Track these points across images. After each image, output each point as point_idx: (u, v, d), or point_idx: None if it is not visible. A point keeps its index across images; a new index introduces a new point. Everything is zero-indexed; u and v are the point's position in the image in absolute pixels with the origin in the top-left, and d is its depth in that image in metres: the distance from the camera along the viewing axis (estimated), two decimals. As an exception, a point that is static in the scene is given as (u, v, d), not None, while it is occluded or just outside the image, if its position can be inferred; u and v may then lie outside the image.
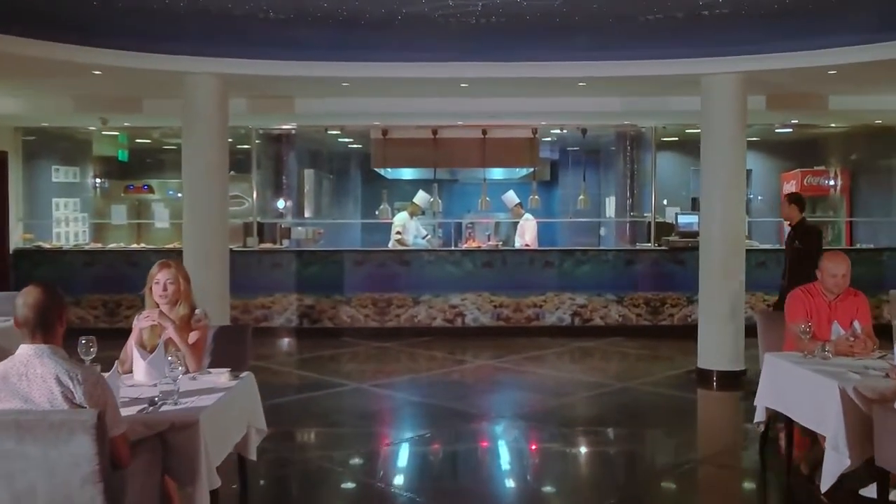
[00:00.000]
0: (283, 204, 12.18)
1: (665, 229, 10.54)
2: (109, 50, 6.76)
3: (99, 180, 12.20)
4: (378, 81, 7.79)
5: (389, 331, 9.77)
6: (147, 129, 11.19)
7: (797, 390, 4.28)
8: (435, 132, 10.72)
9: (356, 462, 5.35)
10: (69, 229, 11.19)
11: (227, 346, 4.42)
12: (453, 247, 10.98)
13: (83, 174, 11.78)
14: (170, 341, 3.96)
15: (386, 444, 5.76)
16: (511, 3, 6.13)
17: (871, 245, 10.39)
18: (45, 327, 2.86)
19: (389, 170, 12.47)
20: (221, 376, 3.85)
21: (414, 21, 6.49)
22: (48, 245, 10.32)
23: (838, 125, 10.90)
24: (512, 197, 11.12)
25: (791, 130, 11.09)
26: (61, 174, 11.22)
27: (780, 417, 4.65)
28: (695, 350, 7.73)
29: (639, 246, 10.81)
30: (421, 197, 11.08)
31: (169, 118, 9.05)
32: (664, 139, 11.41)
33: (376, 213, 11.50)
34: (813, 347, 4.38)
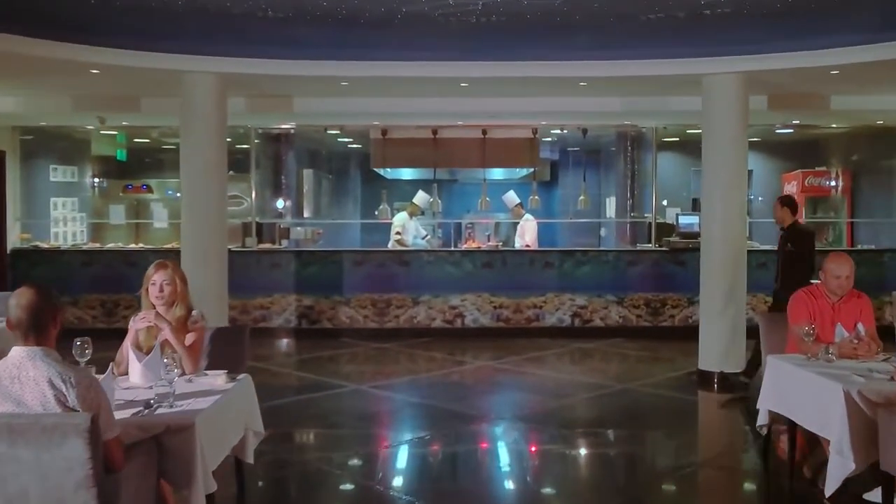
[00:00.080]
0: (282, 204, 12.14)
1: (665, 230, 10.50)
2: (107, 49, 6.72)
3: (97, 180, 12.16)
4: (377, 81, 7.75)
5: (389, 331, 9.73)
6: (146, 129, 11.15)
7: (800, 393, 4.24)
8: (435, 132, 10.69)
9: (355, 464, 5.32)
10: (67, 229, 11.14)
11: (225, 348, 4.38)
12: (453, 247, 10.93)
13: (81, 174, 11.74)
14: (166, 343, 3.92)
15: (385, 446, 5.71)
16: (511, 2, 6.09)
17: (873, 246, 10.35)
18: (39, 329, 2.82)
19: (389, 170, 12.44)
20: (218, 378, 3.80)
21: (414, 20, 6.46)
22: (46, 245, 10.27)
23: (839, 126, 10.87)
24: (512, 197, 11.08)
25: (792, 131, 11.05)
26: (59, 174, 11.18)
27: (783, 420, 4.61)
28: (695, 351, 7.69)
29: (639, 247, 10.76)
30: (420, 197, 11.04)
31: (167, 117, 9.01)
32: (665, 139, 11.37)
33: (376, 214, 11.46)
34: (816, 350, 4.34)
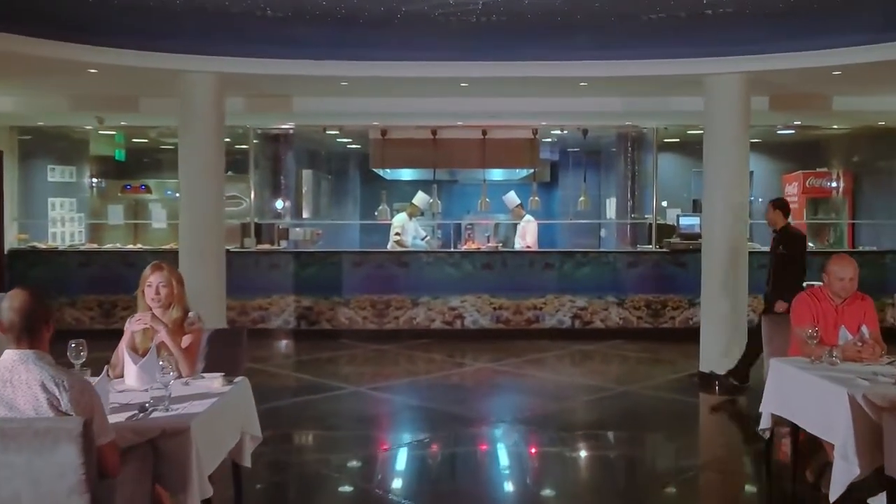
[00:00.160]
0: (281, 204, 12.09)
1: (666, 231, 10.46)
2: (105, 48, 6.68)
3: (96, 180, 12.10)
4: (377, 81, 7.70)
5: (388, 333, 9.68)
6: (144, 129, 11.11)
7: (804, 396, 4.18)
8: (434, 132, 10.64)
9: (354, 467, 5.27)
10: (65, 229, 11.09)
11: (222, 350, 4.32)
12: (452, 248, 10.86)
13: (80, 174, 11.68)
14: (162, 345, 3.87)
15: (384, 449, 5.66)
16: (512, 2, 6.06)
17: (874, 247, 10.30)
18: (31, 332, 2.78)
19: (388, 170, 12.40)
20: (215, 381, 3.75)
21: (413, 19, 6.42)
22: (43, 245, 10.22)
23: (841, 127, 10.83)
24: (513, 198, 11.03)
25: (793, 132, 11.01)
26: (57, 174, 11.12)
27: (786, 423, 4.56)
28: (696, 353, 7.65)
29: (640, 248, 10.71)
30: (420, 198, 10.99)
31: (165, 117, 8.96)
32: (665, 140, 11.33)
33: (375, 214, 11.42)
34: (820, 353, 4.29)
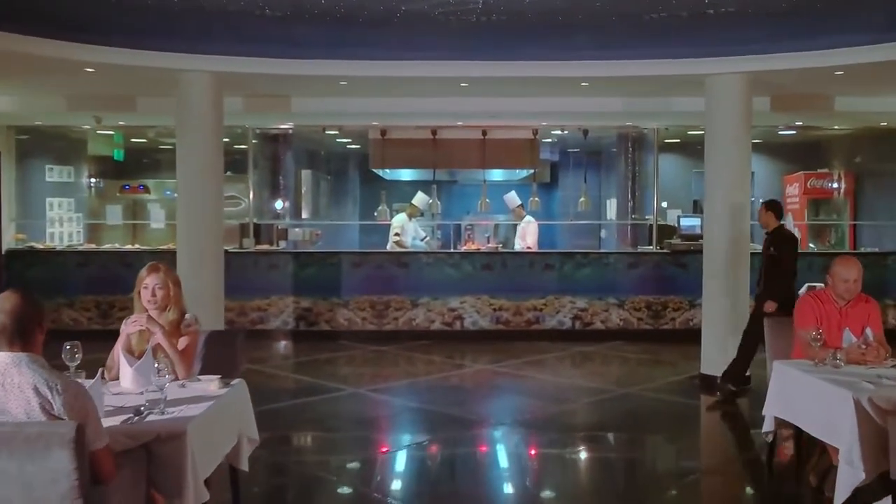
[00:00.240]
0: (280, 205, 12.05)
1: (667, 232, 10.41)
2: (102, 47, 6.65)
3: (94, 180, 12.07)
4: (376, 80, 7.66)
5: (387, 334, 9.63)
6: (143, 129, 11.06)
7: (808, 400, 4.14)
8: (434, 132, 10.60)
9: (352, 470, 5.23)
10: (63, 230, 11.05)
11: (219, 352, 4.27)
12: (452, 249, 10.80)
13: (78, 174, 11.65)
14: (158, 347, 3.82)
15: (383, 451, 5.62)
16: (512, 1, 6.01)
17: (876, 249, 10.26)
18: (24, 335, 2.73)
19: (388, 170, 12.36)
20: (211, 384, 3.70)
21: (413, 19, 6.37)
22: (41, 245, 10.18)
23: (842, 127, 10.79)
24: (514, 198, 10.97)
25: (794, 133, 10.97)
26: (55, 174, 11.09)
27: (789, 426, 4.52)
28: (696, 355, 7.62)
29: (640, 249, 10.67)
30: (420, 198, 10.95)
31: (163, 117, 8.92)
32: (666, 141, 11.28)
33: (374, 215, 11.36)
34: (824, 355, 4.24)
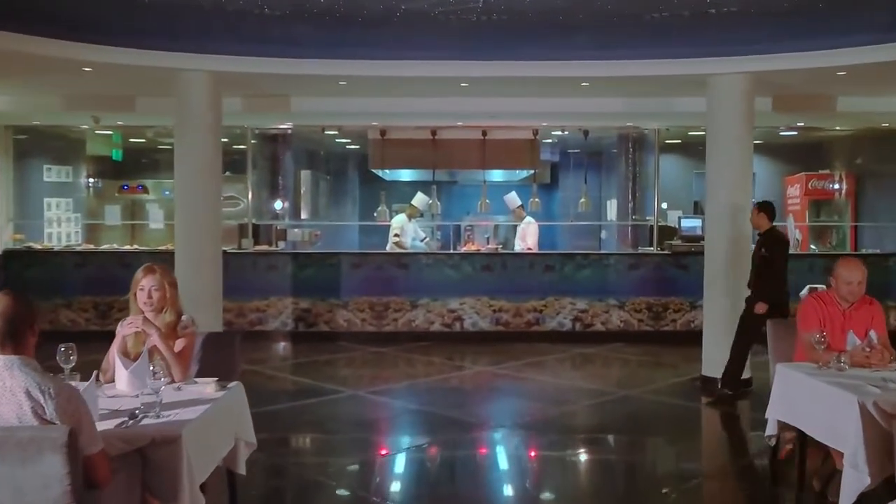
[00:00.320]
0: (280, 205, 12.00)
1: (667, 233, 10.37)
2: (99, 46, 6.60)
3: (92, 180, 12.02)
4: (376, 80, 7.62)
5: (386, 335, 9.58)
6: (142, 129, 11.03)
7: (811, 403, 4.08)
8: (434, 133, 10.56)
9: (351, 473, 5.18)
10: (61, 230, 11.00)
11: (216, 354, 4.22)
12: (452, 250, 10.75)
13: (76, 174, 11.60)
14: (154, 349, 3.77)
15: (382, 454, 5.57)
16: (512, 0, 5.96)
17: (877, 250, 10.21)
18: (16, 337, 2.68)
19: (387, 171, 12.30)
20: (208, 386, 3.65)
21: (413, 18, 6.33)
22: (39, 246, 10.13)
23: (843, 128, 10.75)
24: (514, 198, 10.91)
25: (796, 133, 10.93)
26: (53, 174, 11.04)
27: (792, 429, 4.46)
28: (697, 356, 7.57)
29: (641, 250, 10.63)
30: (419, 199, 10.90)
31: (162, 117, 8.87)
32: (667, 141, 11.24)
33: (374, 215, 11.31)
34: (828, 358, 4.19)
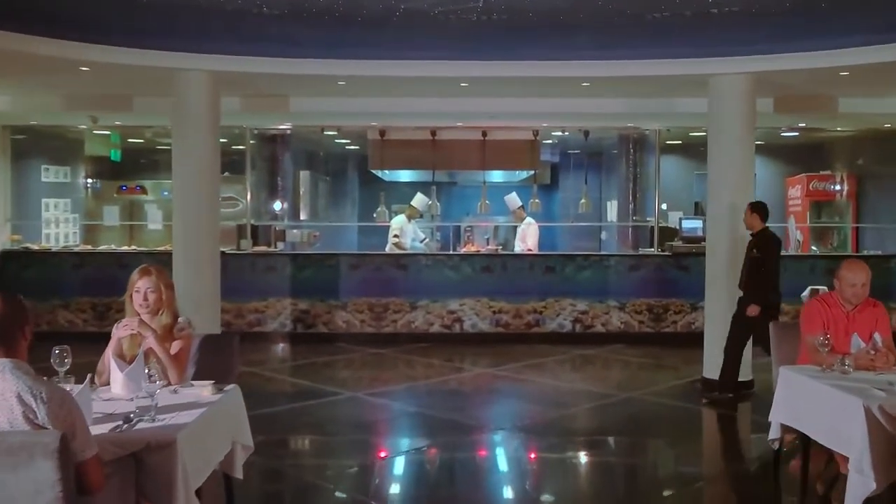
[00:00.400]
0: (279, 206, 11.96)
1: (668, 234, 10.33)
2: (97, 45, 6.55)
3: (91, 180, 11.98)
4: (375, 80, 7.58)
5: (386, 336, 9.54)
6: (140, 129, 10.99)
7: (815, 406, 4.04)
8: (433, 133, 10.53)
9: (350, 476, 5.14)
10: (59, 230, 10.96)
11: (214, 356, 4.16)
12: (452, 251, 10.70)
13: (74, 174, 11.56)
14: (150, 352, 3.72)
15: (381, 457, 5.53)
16: (513, 1, 5.92)
17: (879, 251, 10.17)
18: (7, 340, 2.63)
19: (387, 171, 12.25)
20: (204, 389, 3.60)
21: (412, 18, 6.28)
22: (37, 246, 10.09)
23: (845, 129, 10.71)
24: (515, 199, 10.86)
25: (797, 134, 10.89)
26: (51, 174, 11.00)
27: (796, 433, 4.42)
28: (698, 358, 7.53)
29: (641, 251, 10.58)
30: (419, 199, 10.86)
31: (160, 117, 8.80)
32: (668, 142, 11.20)
33: (373, 216, 11.27)
34: (832, 361, 4.14)
